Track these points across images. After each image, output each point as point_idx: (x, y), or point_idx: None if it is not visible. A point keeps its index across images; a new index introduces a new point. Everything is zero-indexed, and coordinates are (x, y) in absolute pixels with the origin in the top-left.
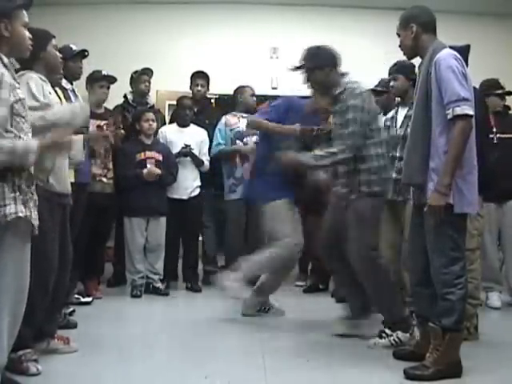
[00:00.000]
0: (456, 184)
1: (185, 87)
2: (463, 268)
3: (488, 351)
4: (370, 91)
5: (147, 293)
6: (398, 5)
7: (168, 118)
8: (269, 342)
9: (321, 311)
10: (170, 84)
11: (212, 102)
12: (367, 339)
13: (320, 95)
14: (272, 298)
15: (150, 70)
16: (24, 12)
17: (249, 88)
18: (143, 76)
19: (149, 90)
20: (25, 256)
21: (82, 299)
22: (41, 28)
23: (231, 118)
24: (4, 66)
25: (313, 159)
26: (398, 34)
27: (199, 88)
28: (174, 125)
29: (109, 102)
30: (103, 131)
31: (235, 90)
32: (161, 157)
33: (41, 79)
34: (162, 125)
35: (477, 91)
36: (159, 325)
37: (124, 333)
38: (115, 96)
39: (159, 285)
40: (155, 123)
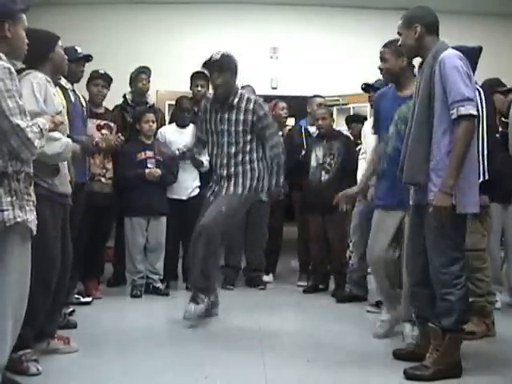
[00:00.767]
0: (458, 184)
1: (185, 87)
2: (463, 268)
3: (488, 351)
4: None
5: (147, 293)
6: (399, 5)
7: (168, 118)
8: (269, 342)
9: (321, 311)
10: (170, 84)
11: None
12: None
13: None
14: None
15: (148, 69)
16: (24, 16)
17: (249, 88)
18: (141, 74)
19: (148, 89)
20: (25, 258)
21: (82, 299)
22: (44, 29)
23: None
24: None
25: None
26: (400, 33)
27: (199, 88)
28: (173, 125)
29: (109, 102)
30: (104, 136)
31: None
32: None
33: (46, 80)
34: (162, 124)
35: (485, 90)
36: (159, 325)
37: (124, 333)
38: (115, 96)
39: (159, 285)
40: (155, 124)
